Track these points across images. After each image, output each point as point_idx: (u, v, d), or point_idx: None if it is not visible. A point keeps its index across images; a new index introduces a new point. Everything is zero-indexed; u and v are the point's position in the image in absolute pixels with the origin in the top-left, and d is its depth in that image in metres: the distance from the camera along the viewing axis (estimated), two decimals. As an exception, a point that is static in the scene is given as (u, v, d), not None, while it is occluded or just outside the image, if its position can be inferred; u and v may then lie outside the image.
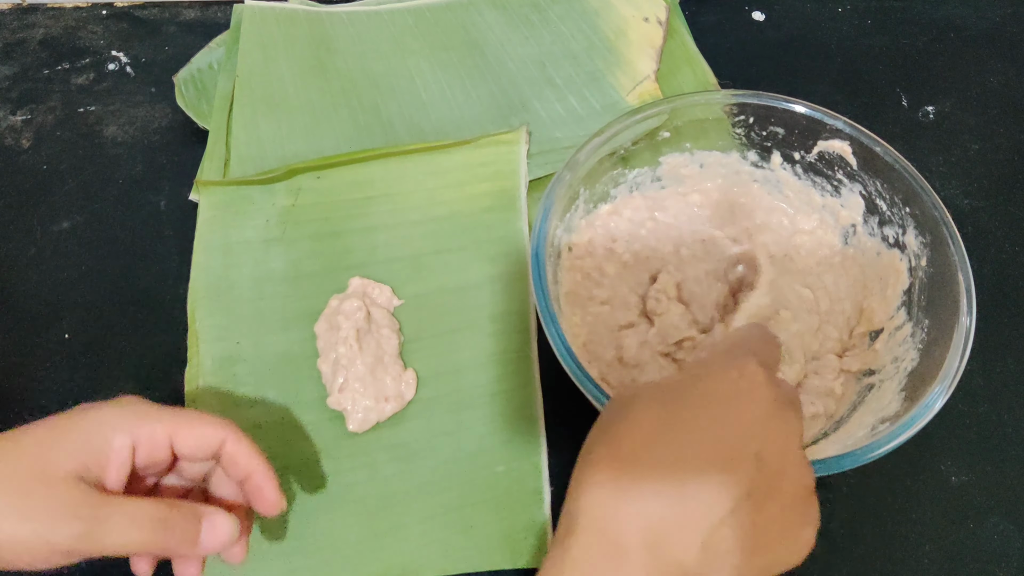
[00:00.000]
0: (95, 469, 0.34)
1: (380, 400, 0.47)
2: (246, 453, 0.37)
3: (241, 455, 0.37)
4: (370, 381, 0.47)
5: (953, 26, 0.70)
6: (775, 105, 0.50)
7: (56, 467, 0.33)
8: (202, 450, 0.37)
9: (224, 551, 0.36)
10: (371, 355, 0.47)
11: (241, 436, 0.37)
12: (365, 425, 0.47)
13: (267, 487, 0.38)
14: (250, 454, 0.37)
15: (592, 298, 0.50)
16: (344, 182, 0.55)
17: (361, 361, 0.47)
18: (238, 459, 0.37)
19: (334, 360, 0.48)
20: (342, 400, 0.47)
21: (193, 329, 0.50)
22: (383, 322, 0.49)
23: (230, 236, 0.53)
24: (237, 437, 0.37)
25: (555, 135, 0.59)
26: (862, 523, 0.46)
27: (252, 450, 0.38)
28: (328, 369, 0.48)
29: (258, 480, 0.37)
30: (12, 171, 0.59)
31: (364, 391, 0.47)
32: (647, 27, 0.64)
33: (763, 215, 0.53)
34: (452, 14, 0.66)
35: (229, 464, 0.37)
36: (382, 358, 0.48)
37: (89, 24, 0.68)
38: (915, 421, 0.39)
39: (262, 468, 0.38)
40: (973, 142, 0.63)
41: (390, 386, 0.47)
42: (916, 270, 0.46)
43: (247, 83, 0.60)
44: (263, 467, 0.38)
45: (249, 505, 0.39)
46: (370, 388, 0.47)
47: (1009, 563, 0.45)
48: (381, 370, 0.47)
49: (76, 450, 0.34)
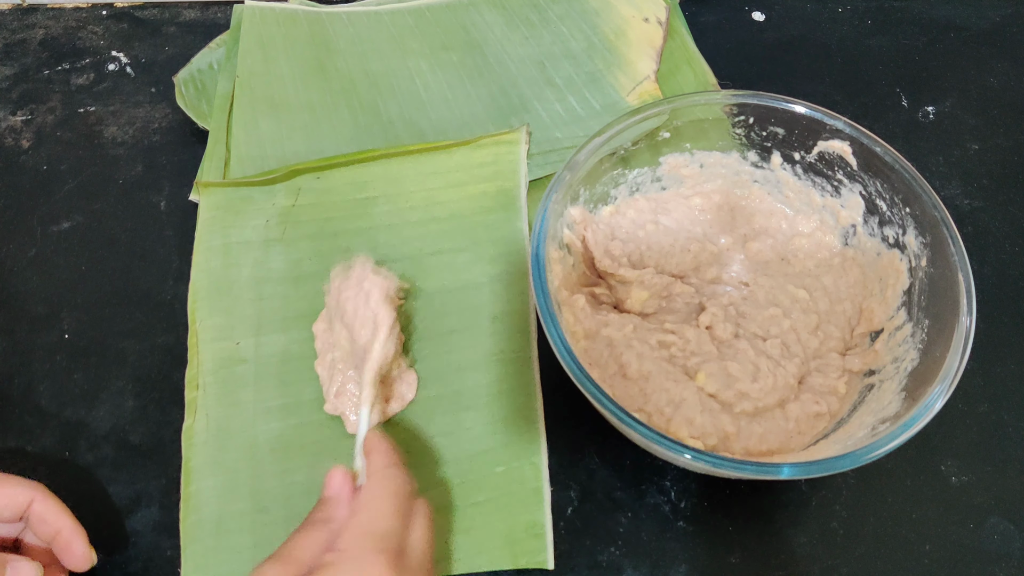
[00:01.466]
0: None
1: (379, 402, 0.47)
2: (53, 512, 0.39)
3: (49, 514, 0.39)
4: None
5: (953, 26, 0.70)
6: (775, 105, 0.50)
7: None
8: (9, 510, 0.38)
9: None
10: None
11: (48, 495, 0.39)
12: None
13: (75, 543, 0.39)
14: (57, 512, 0.39)
15: None
16: (344, 182, 0.55)
17: (357, 370, 0.46)
18: (46, 517, 0.39)
19: (331, 362, 0.47)
20: (339, 405, 0.47)
21: (193, 329, 0.50)
22: None
23: (230, 236, 0.53)
24: (44, 496, 0.39)
25: (555, 135, 0.59)
26: (862, 523, 0.46)
27: (59, 508, 0.39)
28: (325, 372, 0.48)
29: (66, 536, 0.39)
30: (12, 171, 0.59)
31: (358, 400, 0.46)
32: (647, 27, 0.64)
33: (763, 219, 0.53)
34: (452, 14, 0.66)
35: (38, 523, 0.39)
36: None
37: (89, 24, 0.68)
38: (915, 421, 0.39)
39: (69, 524, 0.39)
40: (973, 142, 0.63)
41: (389, 387, 0.47)
42: (916, 270, 0.47)
43: (247, 83, 0.60)
44: (70, 524, 0.39)
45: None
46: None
47: (1009, 563, 0.45)
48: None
49: None
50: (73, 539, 0.39)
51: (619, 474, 0.47)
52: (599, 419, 0.46)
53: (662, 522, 0.46)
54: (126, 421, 0.48)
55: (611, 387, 0.46)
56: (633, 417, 0.38)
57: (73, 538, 0.39)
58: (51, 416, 0.48)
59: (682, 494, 0.47)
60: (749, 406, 0.45)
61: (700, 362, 0.47)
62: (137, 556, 0.44)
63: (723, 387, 0.46)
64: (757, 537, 0.45)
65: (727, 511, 0.46)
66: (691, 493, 0.47)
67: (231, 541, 0.44)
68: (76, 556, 0.39)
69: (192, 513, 0.44)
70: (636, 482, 0.47)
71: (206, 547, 0.43)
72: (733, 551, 0.45)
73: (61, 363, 0.50)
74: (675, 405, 0.45)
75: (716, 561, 0.45)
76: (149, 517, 0.45)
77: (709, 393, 0.46)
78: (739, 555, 0.45)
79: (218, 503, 0.45)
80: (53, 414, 0.48)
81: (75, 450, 0.47)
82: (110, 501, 0.46)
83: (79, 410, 0.49)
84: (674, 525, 0.46)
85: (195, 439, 0.46)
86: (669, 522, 0.46)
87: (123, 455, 0.47)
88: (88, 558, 0.40)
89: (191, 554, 0.43)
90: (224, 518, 0.44)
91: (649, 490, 0.47)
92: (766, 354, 0.47)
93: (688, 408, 0.44)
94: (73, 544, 0.39)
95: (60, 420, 0.48)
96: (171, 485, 0.46)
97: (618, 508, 0.46)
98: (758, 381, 0.46)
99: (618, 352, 0.47)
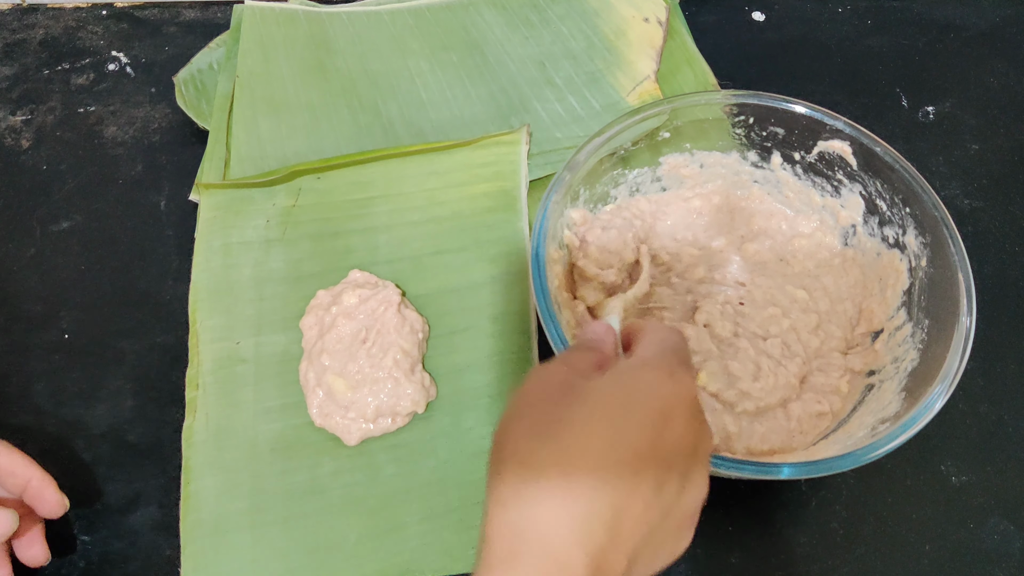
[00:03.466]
0: None
1: (370, 419, 0.46)
2: (21, 464, 0.40)
3: (16, 466, 0.40)
4: (356, 399, 0.46)
5: (953, 26, 0.70)
6: (775, 105, 0.50)
7: None
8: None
9: (21, 551, 0.41)
10: (366, 364, 0.47)
11: (12, 449, 0.40)
12: (359, 439, 0.46)
13: (46, 491, 0.40)
14: (25, 464, 0.40)
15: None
16: (345, 183, 0.55)
17: (346, 377, 0.46)
18: (14, 470, 0.40)
19: (313, 374, 0.47)
20: (326, 423, 0.46)
21: (194, 330, 0.50)
22: (389, 324, 0.48)
23: (230, 237, 0.53)
24: (8, 451, 0.40)
25: (555, 135, 0.59)
26: (862, 523, 0.46)
27: (26, 460, 0.40)
28: (312, 376, 0.47)
29: (36, 485, 0.40)
30: (12, 171, 0.59)
31: (347, 411, 0.46)
32: (647, 27, 0.64)
33: (762, 219, 0.53)
34: (452, 14, 0.66)
35: (6, 477, 0.40)
36: (380, 367, 0.47)
37: (89, 24, 0.68)
38: (915, 421, 0.39)
39: (38, 474, 0.40)
40: (973, 142, 0.63)
41: (385, 401, 0.46)
42: (916, 270, 0.46)
43: (247, 83, 0.60)
44: (39, 473, 0.40)
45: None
46: (355, 407, 0.46)
47: (1009, 563, 0.45)
48: (376, 384, 0.46)
49: None
50: (44, 487, 0.40)
51: (619, 474, 0.47)
52: (599, 419, 0.46)
53: (662, 522, 0.46)
54: (124, 420, 0.48)
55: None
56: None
57: (44, 486, 0.40)
58: (49, 415, 0.48)
59: (682, 494, 0.47)
60: (751, 405, 0.45)
61: (701, 361, 0.47)
62: (136, 555, 0.44)
63: (724, 386, 0.46)
64: (757, 537, 0.45)
65: (727, 511, 0.46)
66: (691, 493, 0.47)
67: (231, 540, 0.44)
68: (49, 503, 0.40)
69: (192, 512, 0.44)
70: (636, 482, 0.47)
71: (205, 546, 0.43)
72: (733, 551, 0.45)
73: (60, 362, 0.50)
74: (675, 405, 0.45)
75: (716, 561, 0.45)
76: (148, 516, 0.45)
77: (711, 392, 0.46)
78: (739, 555, 0.45)
79: (217, 503, 0.45)
80: (51, 413, 0.48)
81: (73, 449, 0.47)
82: (108, 500, 0.46)
83: (77, 409, 0.49)
84: (674, 525, 0.46)
85: (195, 438, 0.46)
86: (669, 522, 0.46)
87: (121, 454, 0.47)
88: (61, 503, 0.41)
89: (191, 553, 0.43)
90: (223, 518, 0.44)
91: (649, 490, 0.47)
92: (767, 353, 0.47)
93: (688, 408, 0.44)
94: (44, 492, 0.40)
95: (58, 419, 0.48)
96: (170, 484, 0.46)
97: (618, 508, 0.46)
98: (759, 380, 0.46)
99: None
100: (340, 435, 0.46)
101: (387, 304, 0.48)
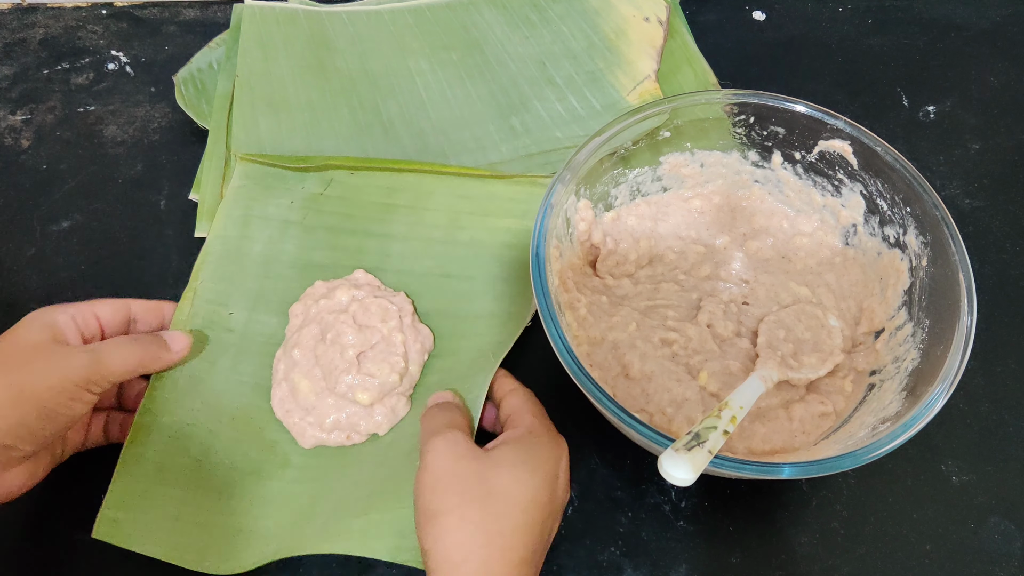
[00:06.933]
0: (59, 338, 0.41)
1: (328, 430, 0.46)
2: (153, 306, 0.47)
3: (150, 306, 0.47)
4: (318, 405, 0.46)
5: (953, 26, 0.70)
6: (776, 105, 0.50)
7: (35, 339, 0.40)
8: (120, 312, 0.45)
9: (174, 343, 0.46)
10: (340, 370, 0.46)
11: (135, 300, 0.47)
12: (312, 444, 0.46)
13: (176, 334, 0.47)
14: (156, 305, 0.48)
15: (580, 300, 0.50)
16: (375, 184, 0.55)
17: (312, 380, 0.46)
18: (148, 306, 0.47)
19: (287, 363, 0.47)
20: (285, 419, 0.46)
21: (192, 285, 0.50)
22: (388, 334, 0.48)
23: (252, 209, 0.53)
24: (136, 300, 0.47)
25: (555, 134, 0.59)
26: (862, 523, 0.46)
27: (156, 303, 0.48)
28: (282, 367, 0.47)
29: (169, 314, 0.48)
30: (12, 171, 0.59)
31: (307, 414, 0.46)
32: (647, 27, 0.64)
33: (763, 219, 0.53)
34: (452, 14, 0.66)
35: (144, 315, 0.47)
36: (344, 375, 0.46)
37: (89, 24, 0.68)
38: (916, 421, 0.39)
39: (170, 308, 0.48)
40: (973, 142, 0.63)
41: (345, 419, 0.45)
42: (917, 270, 0.46)
43: (247, 83, 0.60)
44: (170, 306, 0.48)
45: None
46: (315, 413, 0.46)
47: (1009, 563, 0.45)
48: (341, 399, 0.46)
49: (39, 329, 0.41)
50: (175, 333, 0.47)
51: (619, 474, 0.47)
52: (599, 419, 0.46)
53: (662, 522, 0.46)
54: (126, 421, 0.48)
55: (613, 388, 0.46)
56: (634, 417, 0.38)
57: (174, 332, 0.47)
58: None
59: (682, 494, 0.47)
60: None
61: (702, 361, 0.47)
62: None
63: (725, 386, 0.46)
64: (757, 537, 0.45)
65: (728, 511, 0.46)
66: (691, 493, 0.47)
67: (162, 494, 0.44)
68: (178, 339, 0.46)
69: (138, 445, 0.44)
70: (636, 482, 0.47)
71: (136, 490, 0.44)
72: (733, 551, 0.45)
73: (61, 363, 0.50)
74: (677, 405, 0.45)
75: (716, 561, 0.45)
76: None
77: (712, 392, 0.46)
78: (739, 555, 0.45)
79: (165, 450, 0.45)
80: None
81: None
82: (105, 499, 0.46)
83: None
84: (674, 525, 0.46)
85: (166, 377, 0.47)
86: (669, 522, 0.46)
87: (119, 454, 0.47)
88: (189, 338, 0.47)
89: (119, 487, 0.43)
90: (165, 468, 0.44)
91: (649, 490, 0.47)
92: (767, 353, 0.47)
93: (690, 408, 0.44)
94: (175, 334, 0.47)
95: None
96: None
97: (618, 508, 0.46)
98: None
99: (621, 353, 0.47)
100: (295, 435, 0.46)
101: (400, 312, 0.48)
